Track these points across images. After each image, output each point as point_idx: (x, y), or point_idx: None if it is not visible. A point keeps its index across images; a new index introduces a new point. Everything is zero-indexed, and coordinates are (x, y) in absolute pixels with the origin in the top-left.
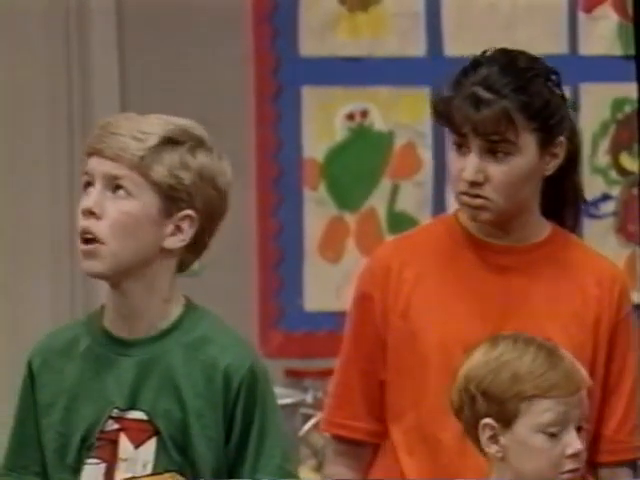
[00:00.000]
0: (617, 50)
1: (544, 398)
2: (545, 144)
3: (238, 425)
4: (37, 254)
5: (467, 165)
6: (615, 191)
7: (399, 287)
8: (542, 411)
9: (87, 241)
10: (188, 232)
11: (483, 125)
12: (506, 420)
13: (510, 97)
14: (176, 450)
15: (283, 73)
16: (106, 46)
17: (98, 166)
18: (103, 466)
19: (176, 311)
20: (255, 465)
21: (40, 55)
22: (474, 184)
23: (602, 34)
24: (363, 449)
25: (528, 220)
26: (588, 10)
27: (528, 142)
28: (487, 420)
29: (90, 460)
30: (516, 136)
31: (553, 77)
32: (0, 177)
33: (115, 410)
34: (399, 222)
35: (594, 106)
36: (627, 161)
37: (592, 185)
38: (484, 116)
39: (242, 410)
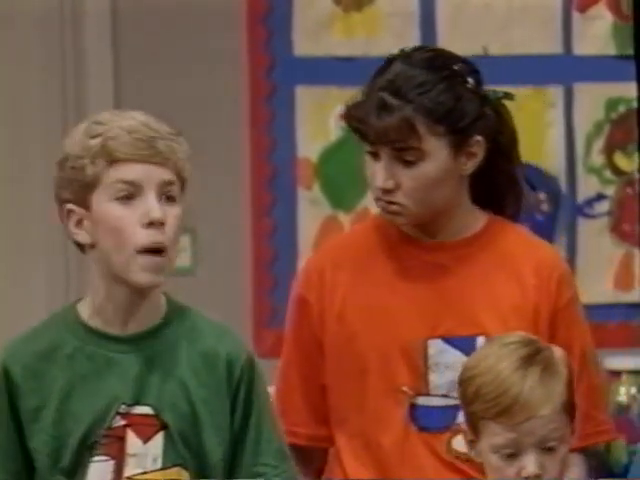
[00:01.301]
0: (611, 50)
1: (494, 423)
2: (459, 145)
3: (240, 411)
4: (32, 250)
5: (377, 172)
6: (610, 191)
7: (334, 290)
8: (493, 434)
9: (155, 252)
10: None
11: (385, 134)
12: (473, 431)
13: (415, 102)
14: (183, 443)
15: (277, 73)
16: (100, 47)
17: (150, 174)
18: (112, 463)
19: (164, 306)
20: (256, 450)
21: (35, 58)
22: (386, 191)
23: (596, 34)
24: (310, 454)
25: (456, 215)
26: (582, 10)
27: (437, 146)
28: (463, 426)
29: (97, 458)
30: (420, 142)
31: (470, 76)
32: None
33: (122, 406)
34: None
35: (588, 106)
36: (621, 161)
37: (587, 185)
38: (385, 124)
39: (243, 396)
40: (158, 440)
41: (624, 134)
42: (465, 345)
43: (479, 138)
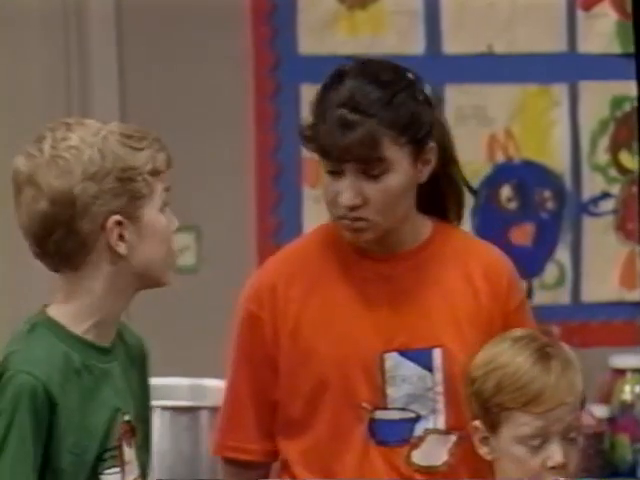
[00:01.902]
0: (616, 48)
1: (521, 412)
2: (417, 154)
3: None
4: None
5: (343, 190)
6: (615, 189)
7: (287, 306)
8: (520, 424)
9: None
10: None
11: (350, 150)
12: (490, 426)
13: (378, 116)
14: (141, 446)
15: (282, 71)
16: (105, 46)
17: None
18: (120, 474)
19: None
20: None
21: (39, 58)
22: (353, 208)
23: (601, 32)
24: (256, 470)
25: (407, 225)
26: (587, 8)
27: (400, 157)
28: (476, 423)
29: (108, 470)
30: (385, 155)
31: (417, 84)
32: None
33: (125, 416)
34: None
35: (593, 104)
36: (626, 159)
37: (592, 183)
38: (350, 140)
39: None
40: (133, 446)
41: (629, 132)
42: (421, 358)
43: (433, 145)
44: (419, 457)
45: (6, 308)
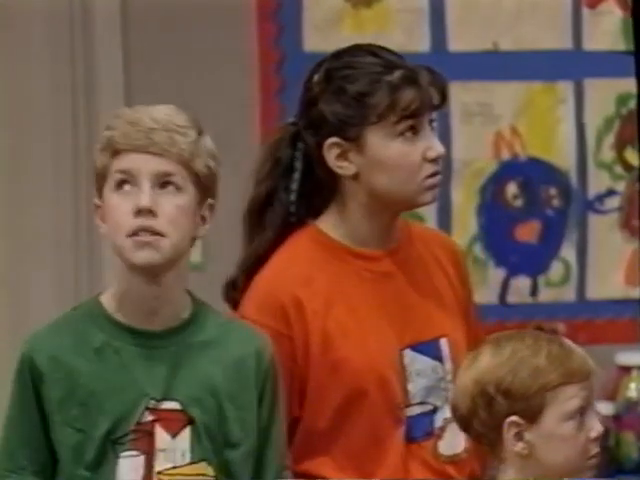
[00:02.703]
0: (621, 46)
1: (569, 385)
2: None
3: (267, 404)
4: (41, 247)
5: (433, 142)
6: (620, 186)
7: (314, 319)
8: (569, 398)
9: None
10: (210, 220)
11: (431, 95)
12: (531, 416)
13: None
14: (208, 438)
15: (287, 69)
16: (110, 45)
17: (145, 164)
18: (142, 458)
19: (189, 303)
20: (281, 442)
21: (44, 57)
22: (435, 160)
23: (606, 30)
24: None
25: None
26: (592, 6)
27: None
28: (513, 418)
29: (127, 452)
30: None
31: None
32: (4, 174)
33: (151, 401)
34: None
35: (598, 101)
36: (632, 156)
37: (597, 180)
38: (428, 86)
39: (269, 392)
40: (185, 435)
41: (634, 129)
42: (431, 349)
43: None
44: (445, 447)
45: (6, 308)
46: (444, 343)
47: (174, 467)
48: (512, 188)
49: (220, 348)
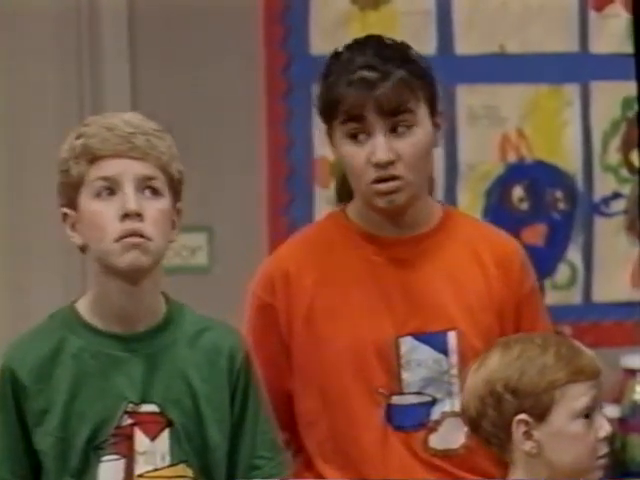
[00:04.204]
0: (628, 48)
1: (578, 383)
2: (433, 114)
3: (238, 402)
4: (46, 247)
5: (376, 148)
6: (626, 189)
7: (300, 293)
8: (577, 396)
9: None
10: (178, 224)
11: (387, 100)
12: (540, 414)
13: (400, 68)
14: (187, 440)
15: (294, 71)
16: (117, 46)
17: (128, 168)
18: (122, 461)
19: (163, 305)
20: (253, 442)
21: (51, 57)
22: (387, 164)
23: (613, 32)
24: None
25: (419, 207)
26: (599, 8)
27: (423, 112)
28: (522, 416)
29: (107, 457)
30: (416, 103)
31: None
32: (9, 174)
33: (130, 405)
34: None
35: (605, 104)
36: (638, 159)
37: (603, 183)
38: (385, 91)
39: (241, 390)
40: (164, 437)
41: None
42: (436, 341)
43: (441, 110)
44: (436, 441)
45: (6, 308)
46: (452, 336)
47: (155, 469)
48: (518, 191)
49: (194, 349)
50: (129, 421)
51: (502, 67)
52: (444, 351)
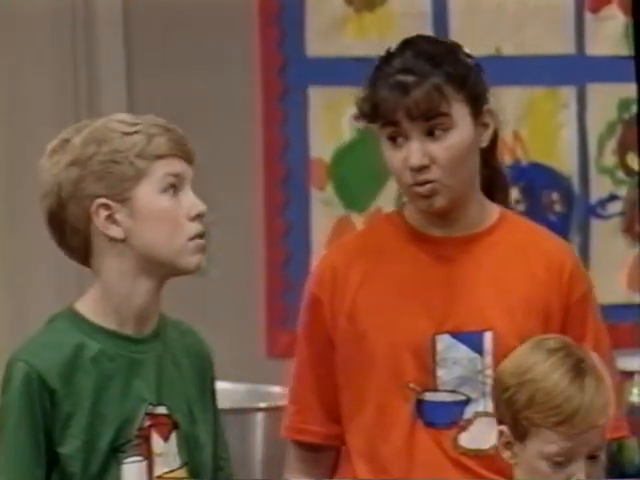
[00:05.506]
0: (624, 50)
1: (551, 431)
2: (476, 114)
3: (212, 406)
4: (43, 246)
5: (410, 152)
6: (622, 191)
7: (345, 289)
8: (548, 442)
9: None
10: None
11: (416, 106)
12: (519, 436)
13: (434, 72)
14: (186, 442)
15: (290, 73)
16: (113, 48)
17: (186, 169)
18: (145, 463)
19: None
20: (219, 443)
21: (46, 59)
22: (421, 169)
23: (609, 34)
24: (322, 453)
25: (472, 207)
26: (595, 10)
27: (461, 113)
28: (503, 427)
29: (131, 458)
30: (450, 108)
31: (463, 49)
32: (5, 175)
33: (149, 406)
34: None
35: (601, 106)
36: (634, 161)
37: (599, 185)
38: (416, 97)
39: (212, 390)
40: (173, 439)
41: (636, 134)
42: (473, 341)
43: (490, 108)
44: (467, 440)
45: (6, 308)
46: (488, 337)
47: (170, 471)
48: (514, 193)
49: (183, 351)
50: (147, 423)
51: (498, 69)
52: (479, 351)
